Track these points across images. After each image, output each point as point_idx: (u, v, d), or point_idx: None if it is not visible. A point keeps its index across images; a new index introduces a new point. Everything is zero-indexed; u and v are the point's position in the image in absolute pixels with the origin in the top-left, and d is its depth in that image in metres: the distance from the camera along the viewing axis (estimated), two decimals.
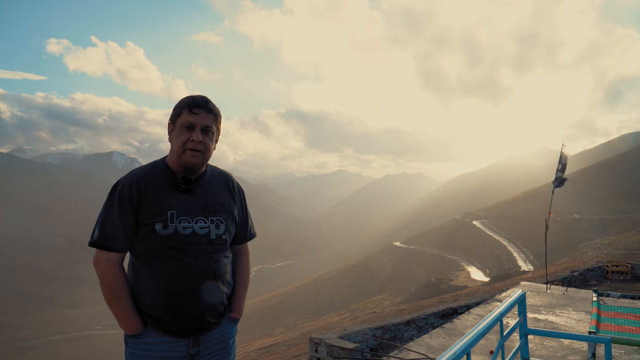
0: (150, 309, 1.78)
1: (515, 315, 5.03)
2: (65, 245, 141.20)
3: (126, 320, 1.76)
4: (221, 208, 1.89)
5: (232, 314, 1.97)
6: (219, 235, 1.86)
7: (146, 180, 1.80)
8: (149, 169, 1.86)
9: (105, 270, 1.76)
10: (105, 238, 1.75)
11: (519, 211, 67.98)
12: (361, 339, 6.04)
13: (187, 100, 1.83)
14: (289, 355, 15.94)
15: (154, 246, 1.76)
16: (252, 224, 2.16)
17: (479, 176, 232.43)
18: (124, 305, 1.76)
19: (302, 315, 48.55)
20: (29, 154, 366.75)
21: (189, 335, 1.79)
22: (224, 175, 2.01)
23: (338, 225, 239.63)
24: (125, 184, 1.79)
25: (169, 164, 1.87)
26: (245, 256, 2.12)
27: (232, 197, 1.98)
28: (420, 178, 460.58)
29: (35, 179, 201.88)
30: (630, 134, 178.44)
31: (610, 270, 13.10)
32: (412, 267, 59.92)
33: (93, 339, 76.93)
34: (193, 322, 1.79)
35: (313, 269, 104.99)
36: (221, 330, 1.90)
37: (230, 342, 1.96)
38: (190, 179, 1.84)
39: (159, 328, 1.77)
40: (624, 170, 67.67)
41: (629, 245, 29.52)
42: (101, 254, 1.77)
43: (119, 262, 1.79)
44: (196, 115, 1.80)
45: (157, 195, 1.79)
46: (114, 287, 1.76)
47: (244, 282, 2.06)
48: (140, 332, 1.77)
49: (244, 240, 2.11)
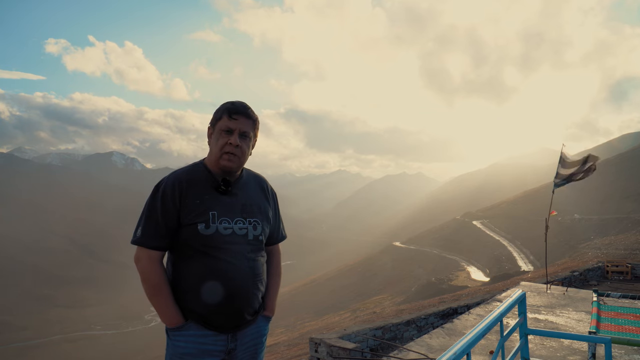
0: (192, 305, 1.84)
1: (515, 315, 5.03)
2: (65, 245, 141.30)
3: (168, 314, 1.83)
4: (257, 210, 1.98)
5: (265, 312, 2.04)
6: (256, 236, 1.94)
7: (187, 181, 1.87)
8: (189, 171, 1.93)
9: (147, 267, 1.83)
10: (147, 237, 1.83)
11: (519, 211, 68.03)
12: (361, 339, 6.04)
13: (228, 106, 1.91)
14: (289, 355, 15.93)
15: (196, 245, 1.83)
16: (284, 225, 2.25)
17: (479, 176, 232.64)
18: (166, 301, 1.83)
19: (302, 316, 48.60)
20: (29, 154, 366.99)
21: (228, 330, 1.87)
22: (259, 178, 2.10)
23: (338, 226, 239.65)
24: (167, 184, 1.86)
25: (208, 166, 1.94)
26: (277, 256, 2.22)
27: (266, 199, 2.06)
28: (420, 178, 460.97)
29: (35, 179, 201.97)
30: (631, 134, 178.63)
31: (610, 270, 13.11)
32: (412, 267, 59.96)
33: (93, 339, 76.99)
34: (233, 318, 1.87)
35: (313, 269, 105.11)
36: (256, 327, 1.98)
37: (263, 339, 2.03)
38: (230, 181, 1.92)
39: (200, 322, 1.84)
40: (624, 170, 67.69)
41: (629, 245, 29.55)
42: (143, 252, 1.84)
43: (160, 259, 1.87)
44: (235, 121, 1.88)
45: (198, 196, 1.86)
46: (155, 284, 1.83)
47: (276, 281, 2.15)
48: (182, 325, 1.84)
49: (277, 241, 2.20)
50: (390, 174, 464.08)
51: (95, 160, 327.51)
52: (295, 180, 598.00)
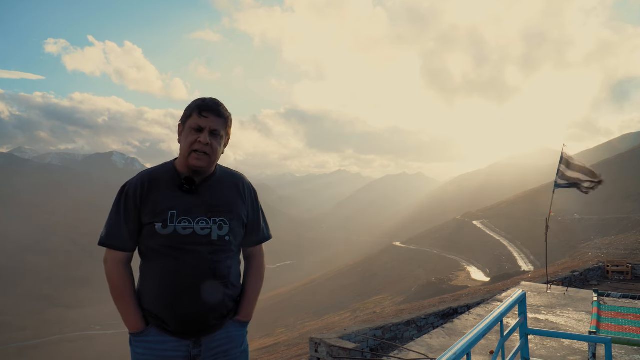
0: (151, 307, 1.81)
1: (515, 315, 5.03)
2: (65, 245, 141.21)
3: (128, 318, 1.81)
4: (226, 209, 1.88)
5: (238, 317, 1.93)
6: (221, 236, 1.84)
7: (150, 181, 1.84)
8: (155, 170, 1.90)
9: (111, 269, 1.83)
10: (111, 238, 1.82)
11: (519, 211, 68.00)
12: (361, 339, 6.04)
13: (198, 103, 1.84)
14: (289, 355, 15.94)
15: (155, 246, 1.79)
16: (267, 225, 2.12)
17: (479, 176, 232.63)
18: (127, 304, 1.81)
19: (302, 316, 48.58)
20: (29, 154, 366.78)
21: (190, 335, 1.79)
22: (234, 176, 2.00)
23: (338, 226, 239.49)
24: (131, 184, 1.85)
25: (176, 165, 1.90)
26: (258, 259, 2.08)
27: (240, 198, 1.96)
28: (420, 178, 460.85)
29: (35, 179, 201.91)
30: (631, 134, 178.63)
31: (610, 270, 13.11)
32: (412, 267, 59.94)
33: (93, 339, 76.94)
34: (192, 322, 1.79)
35: (313, 270, 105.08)
36: (225, 332, 1.87)
37: (237, 345, 1.91)
38: (194, 179, 1.85)
39: (161, 327, 1.79)
40: (624, 170, 67.68)
41: (629, 245, 29.55)
42: (108, 254, 1.83)
43: (125, 261, 1.85)
44: (205, 119, 1.81)
45: (160, 196, 1.81)
46: (117, 286, 1.82)
47: (255, 284, 2.02)
48: (142, 331, 1.80)
49: (256, 242, 2.06)
50: (390, 174, 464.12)
51: (95, 160, 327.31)
52: (295, 180, 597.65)
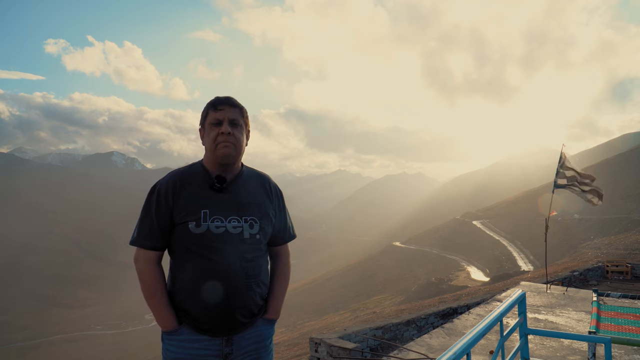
0: (184, 306, 1.82)
1: (515, 315, 5.03)
2: (65, 245, 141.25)
3: (161, 317, 1.82)
4: (255, 208, 1.91)
5: (267, 315, 1.96)
6: (252, 234, 1.87)
7: (182, 181, 1.86)
8: (186, 170, 1.92)
9: (143, 268, 1.84)
10: (142, 237, 1.84)
11: (519, 211, 68.01)
12: (361, 339, 6.04)
13: (211, 101, 1.91)
14: (289, 355, 15.95)
15: (188, 245, 1.81)
16: (292, 225, 2.16)
17: (479, 176, 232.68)
18: (160, 303, 1.82)
19: (302, 315, 48.56)
20: (29, 154, 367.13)
21: (222, 334, 1.82)
22: (261, 176, 2.04)
23: (338, 225, 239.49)
24: (162, 184, 1.86)
25: (205, 164, 1.93)
26: (285, 257, 2.13)
27: (268, 198, 1.99)
28: (420, 178, 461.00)
29: (35, 179, 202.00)
30: (631, 134, 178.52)
31: (610, 270, 13.11)
32: (412, 267, 59.95)
33: (93, 339, 76.97)
34: (224, 320, 1.81)
35: (313, 269, 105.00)
36: (255, 330, 1.90)
37: (266, 343, 1.95)
38: (224, 178, 1.88)
39: (193, 326, 1.81)
40: (624, 170, 67.69)
41: (629, 245, 29.53)
42: (140, 253, 1.85)
43: (156, 260, 1.87)
44: (221, 111, 1.86)
45: (191, 195, 1.83)
46: (150, 285, 1.83)
47: (282, 283, 2.07)
48: (175, 329, 1.81)
49: (283, 241, 2.11)
50: (391, 174, 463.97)
51: (96, 160, 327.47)
52: (295, 180, 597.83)
